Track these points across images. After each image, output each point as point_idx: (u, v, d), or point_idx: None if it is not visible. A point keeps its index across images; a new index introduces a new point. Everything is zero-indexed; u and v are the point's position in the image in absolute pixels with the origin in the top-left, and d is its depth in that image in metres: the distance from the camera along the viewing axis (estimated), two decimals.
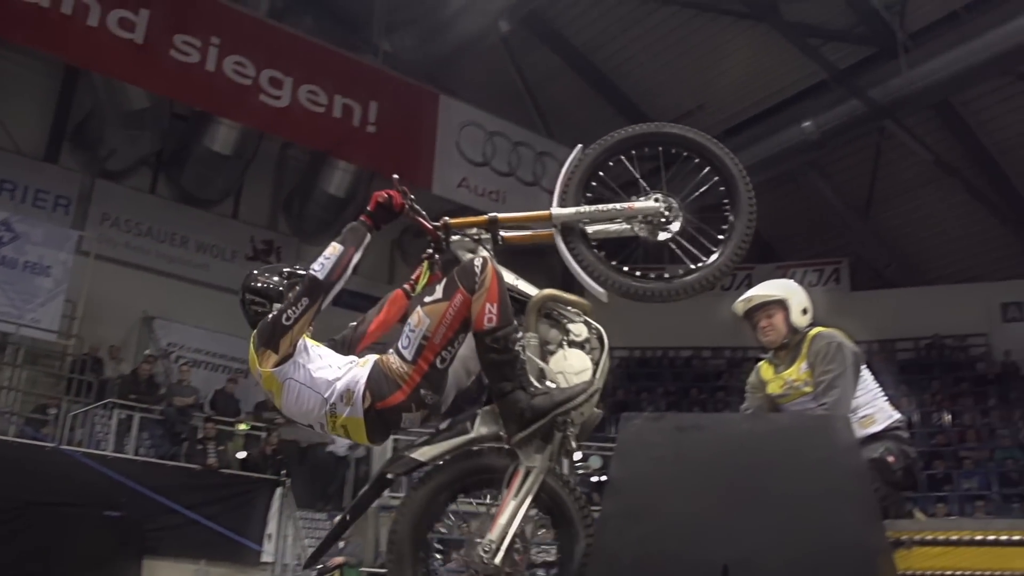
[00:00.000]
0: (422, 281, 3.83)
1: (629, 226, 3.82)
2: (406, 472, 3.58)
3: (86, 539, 12.27)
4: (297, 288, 3.64)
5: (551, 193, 3.91)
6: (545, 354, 3.62)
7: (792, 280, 5.15)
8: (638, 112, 20.95)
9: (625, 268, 3.77)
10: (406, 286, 3.92)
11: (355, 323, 3.94)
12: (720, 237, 3.79)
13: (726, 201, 3.83)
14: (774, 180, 20.73)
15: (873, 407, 4.72)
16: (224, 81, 15.74)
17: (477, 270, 3.46)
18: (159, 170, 18.86)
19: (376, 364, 3.51)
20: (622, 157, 3.89)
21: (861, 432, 4.59)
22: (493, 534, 3.34)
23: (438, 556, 3.62)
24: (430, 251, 3.84)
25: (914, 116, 19.39)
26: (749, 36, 18.99)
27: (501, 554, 3.32)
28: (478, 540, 3.37)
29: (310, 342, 3.63)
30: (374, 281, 20.63)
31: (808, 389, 4.66)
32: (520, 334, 3.53)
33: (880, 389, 4.82)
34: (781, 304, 4.81)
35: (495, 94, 19.35)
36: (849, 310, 21.12)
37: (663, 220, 3.80)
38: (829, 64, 18.51)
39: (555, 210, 3.79)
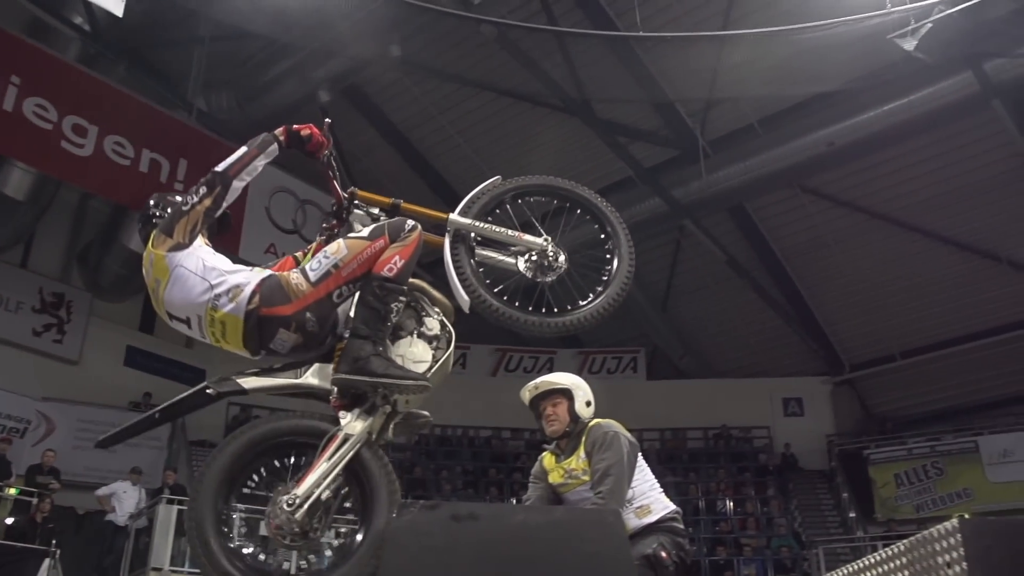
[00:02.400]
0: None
1: (514, 261, 3.99)
2: (227, 393, 3.54)
3: None
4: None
5: None
6: (395, 337, 3.69)
7: (589, 367, 5.34)
8: (451, 191, 21.32)
9: (496, 290, 3.88)
10: (298, 254, 4.04)
11: None
12: (590, 296, 3.97)
13: (607, 268, 4.04)
14: None
15: (649, 497, 4.86)
16: (22, 123, 14.97)
17: (406, 228, 3.60)
18: None
19: (274, 275, 3.55)
20: (531, 199, 4.11)
21: (637, 522, 4.74)
22: (299, 490, 3.34)
23: (240, 512, 3.58)
24: (333, 222, 3.93)
25: (711, 217, 20.57)
26: (562, 129, 19.73)
27: (303, 510, 3.31)
28: (284, 495, 3.36)
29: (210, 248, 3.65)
30: (172, 344, 19.90)
31: (586, 478, 4.75)
32: (403, 300, 3.63)
33: (656, 480, 4.99)
34: (566, 394, 4.93)
35: (309, 162, 19.22)
36: (644, 398, 22.08)
37: (546, 263, 3.98)
38: (635, 162, 19.46)
39: (453, 215, 3.92)
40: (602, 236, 4.12)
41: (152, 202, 3.79)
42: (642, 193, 19.34)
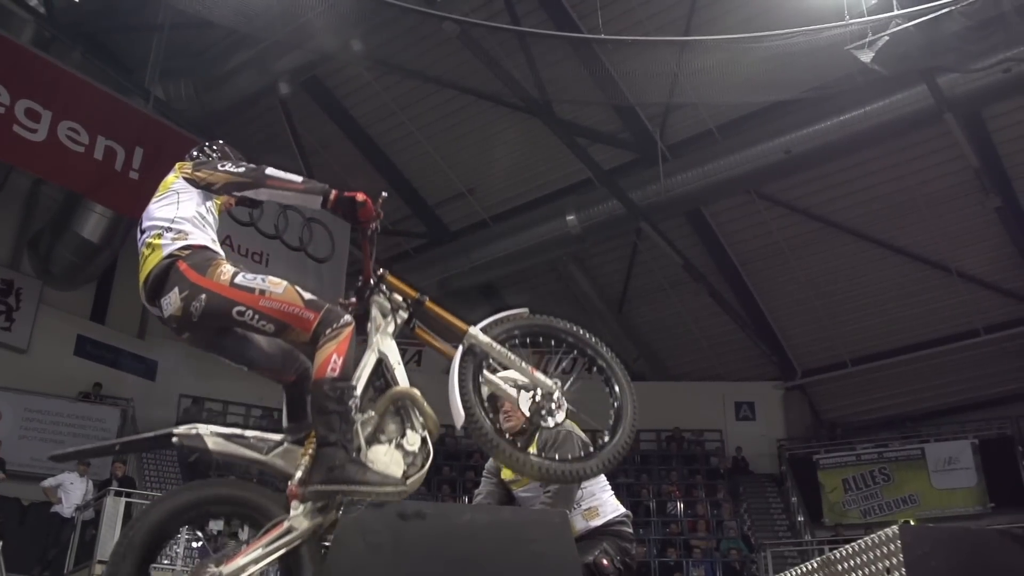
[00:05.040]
0: None
1: (516, 395, 3.89)
2: (190, 447, 3.46)
3: None
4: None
5: (317, 260, 3.96)
6: (373, 440, 3.57)
7: (545, 366, 5.29)
8: (410, 188, 21.29)
9: (492, 415, 3.76)
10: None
11: None
12: (581, 453, 3.97)
13: (606, 433, 3.94)
14: (536, 268, 21.55)
15: (598, 499, 4.87)
16: None
17: (340, 321, 3.50)
18: None
19: (218, 254, 3.65)
20: (552, 341, 4.00)
21: (584, 525, 4.75)
22: (227, 568, 3.23)
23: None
24: (352, 299, 3.78)
25: (668, 221, 20.65)
26: (522, 128, 19.72)
27: None
28: (211, 568, 3.24)
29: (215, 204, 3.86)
30: (124, 334, 19.63)
31: None
32: (356, 394, 3.52)
33: (607, 482, 5.00)
34: None
35: (267, 154, 18.96)
36: (598, 399, 22.08)
37: (547, 408, 3.88)
38: (595, 164, 19.50)
39: (473, 330, 3.78)
40: (612, 400, 4.04)
41: (209, 144, 4.11)
42: (600, 195, 19.41)
